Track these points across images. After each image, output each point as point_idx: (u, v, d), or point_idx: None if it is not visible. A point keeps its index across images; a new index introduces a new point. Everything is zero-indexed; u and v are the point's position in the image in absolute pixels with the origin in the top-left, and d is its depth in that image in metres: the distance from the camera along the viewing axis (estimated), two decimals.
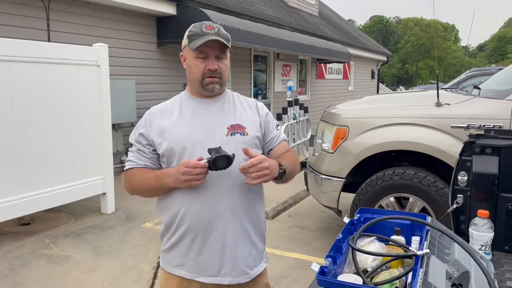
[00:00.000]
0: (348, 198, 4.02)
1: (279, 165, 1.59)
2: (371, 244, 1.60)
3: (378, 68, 21.28)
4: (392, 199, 3.52)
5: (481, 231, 1.82)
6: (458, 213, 2.12)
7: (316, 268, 1.37)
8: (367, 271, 1.48)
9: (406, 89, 24.88)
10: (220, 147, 1.52)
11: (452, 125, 3.29)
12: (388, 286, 1.39)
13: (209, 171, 1.50)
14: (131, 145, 1.68)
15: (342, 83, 16.95)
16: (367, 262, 1.53)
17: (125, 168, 1.69)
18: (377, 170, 3.65)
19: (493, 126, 3.11)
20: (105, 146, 4.84)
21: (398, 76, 56.84)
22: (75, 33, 6.10)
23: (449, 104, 3.40)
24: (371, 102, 4.39)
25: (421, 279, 1.26)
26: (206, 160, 1.49)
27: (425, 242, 1.53)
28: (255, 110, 1.73)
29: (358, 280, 1.32)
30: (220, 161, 1.48)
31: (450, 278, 1.45)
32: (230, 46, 1.62)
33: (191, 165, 1.48)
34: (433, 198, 3.32)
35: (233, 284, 1.63)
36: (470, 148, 2.03)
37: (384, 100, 4.42)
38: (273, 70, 11.63)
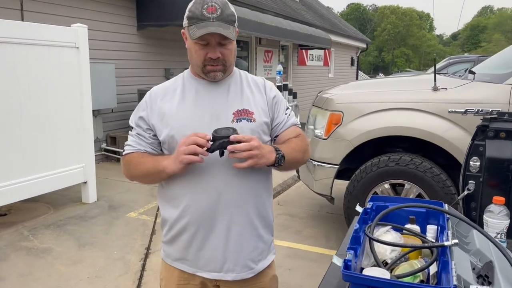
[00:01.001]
0: (339, 185, 3.94)
1: (276, 150, 1.44)
2: (387, 234, 1.51)
3: (357, 55, 21.36)
4: (387, 185, 3.45)
5: (497, 218, 1.75)
6: (469, 200, 2.04)
7: (339, 262, 1.27)
8: (386, 263, 1.39)
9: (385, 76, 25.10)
10: None
11: (449, 110, 3.22)
12: (411, 279, 1.31)
13: (211, 152, 1.38)
14: (131, 128, 1.54)
15: (323, 70, 16.94)
16: (386, 253, 1.44)
17: (123, 153, 1.55)
18: (369, 156, 3.58)
19: (491, 110, 3.06)
20: (85, 133, 4.61)
21: (374, 64, 57.46)
22: (50, 13, 5.77)
23: (446, 88, 3.34)
24: (366, 86, 4.29)
25: (455, 272, 1.17)
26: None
27: (449, 232, 1.44)
28: (263, 91, 1.56)
29: (385, 274, 1.23)
30: (224, 129, 1.37)
31: (473, 269, 1.37)
32: (236, 26, 1.47)
33: (192, 134, 1.36)
34: (429, 184, 3.27)
35: (237, 279, 1.52)
36: (483, 132, 1.95)
37: (380, 85, 4.33)
38: (255, 56, 11.45)
